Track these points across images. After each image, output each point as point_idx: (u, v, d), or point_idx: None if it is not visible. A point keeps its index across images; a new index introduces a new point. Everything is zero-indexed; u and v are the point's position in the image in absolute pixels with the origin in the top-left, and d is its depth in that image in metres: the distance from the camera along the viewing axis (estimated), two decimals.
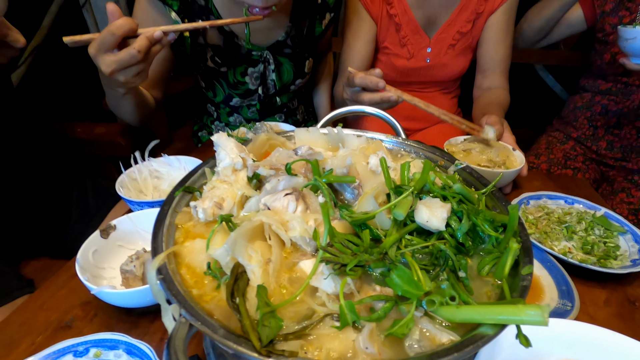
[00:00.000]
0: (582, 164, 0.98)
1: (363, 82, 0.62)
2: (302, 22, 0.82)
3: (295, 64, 0.85)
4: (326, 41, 0.97)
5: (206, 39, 0.76)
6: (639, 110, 0.90)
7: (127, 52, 0.50)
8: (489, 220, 0.25)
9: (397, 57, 0.95)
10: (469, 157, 0.61)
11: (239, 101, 0.86)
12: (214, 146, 0.32)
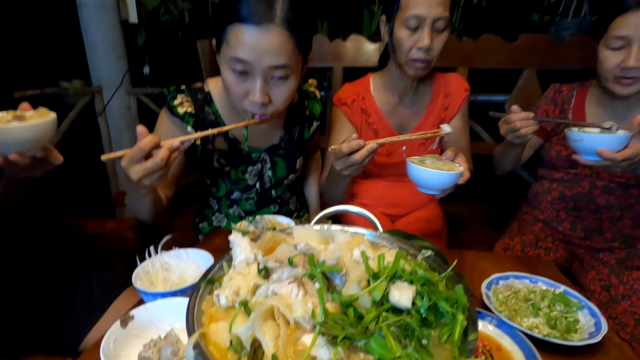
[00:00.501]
0: (552, 244, 1.08)
1: (350, 148, 0.73)
2: (294, 129, 0.99)
3: (288, 163, 0.98)
4: (314, 143, 1.13)
5: (214, 145, 0.91)
6: (590, 195, 1.04)
7: (153, 161, 0.61)
8: (445, 298, 0.33)
9: (378, 155, 1.11)
10: (423, 163, 0.76)
11: (239, 195, 0.98)
12: (230, 244, 0.41)
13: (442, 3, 0.88)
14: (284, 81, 0.73)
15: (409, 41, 0.92)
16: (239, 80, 0.72)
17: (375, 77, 1.11)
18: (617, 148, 0.76)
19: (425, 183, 0.76)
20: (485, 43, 1.48)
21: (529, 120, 0.85)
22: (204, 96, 0.88)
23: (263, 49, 0.67)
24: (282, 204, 1.08)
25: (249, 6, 0.66)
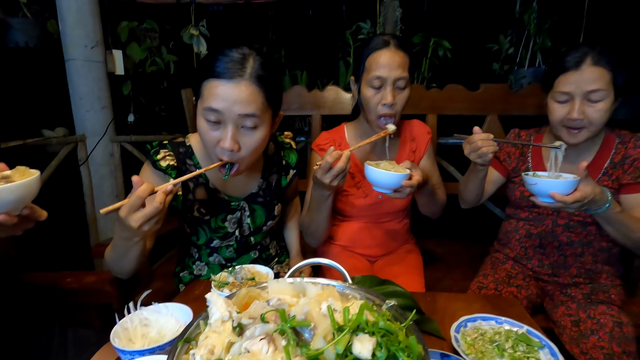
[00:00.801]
0: (523, 281, 1.13)
1: (333, 157, 0.87)
2: (271, 177, 1.05)
3: (266, 210, 1.03)
4: (292, 189, 1.18)
5: (195, 195, 0.95)
6: (553, 232, 1.11)
7: (153, 206, 0.66)
8: (402, 348, 0.36)
9: (355, 197, 1.17)
10: (378, 166, 0.93)
11: (218, 242, 1.00)
12: (207, 302, 0.44)
13: (400, 65, 1.00)
14: (254, 131, 0.79)
15: (374, 98, 1.02)
16: (212, 129, 0.78)
17: (349, 126, 1.19)
18: (567, 191, 0.83)
19: (377, 182, 0.92)
20: (450, 92, 1.61)
21: (489, 140, 0.93)
22: (185, 150, 0.94)
23: (233, 99, 0.75)
24: (262, 249, 1.11)
25: (223, 64, 0.75)
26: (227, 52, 0.77)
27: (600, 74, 0.90)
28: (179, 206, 0.94)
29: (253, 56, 0.78)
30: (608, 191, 0.87)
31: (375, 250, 1.22)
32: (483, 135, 0.94)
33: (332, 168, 0.86)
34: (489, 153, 0.93)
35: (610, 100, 0.92)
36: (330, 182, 0.88)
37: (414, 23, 2.15)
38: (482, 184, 1.09)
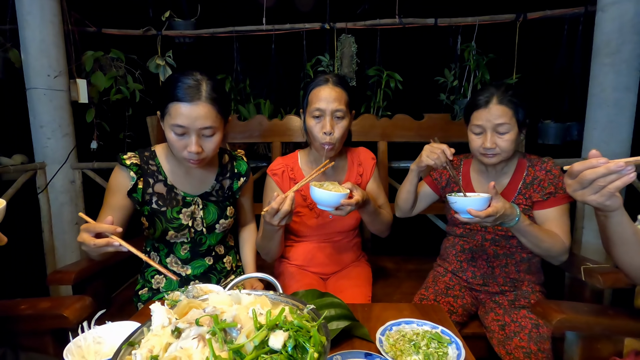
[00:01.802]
0: (459, 292, 1.25)
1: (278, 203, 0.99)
2: (224, 181, 1.19)
3: (219, 208, 1.15)
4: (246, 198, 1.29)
5: (154, 189, 1.08)
6: (482, 247, 1.25)
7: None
8: (308, 339, 0.45)
9: (307, 218, 1.26)
10: (322, 186, 1.04)
11: (173, 234, 1.10)
12: (151, 312, 0.51)
13: (337, 100, 1.14)
14: (212, 137, 1.01)
15: (316, 127, 1.15)
16: (180, 139, 0.98)
17: (302, 153, 1.31)
18: (481, 208, 0.97)
19: (319, 200, 1.02)
20: (398, 121, 1.78)
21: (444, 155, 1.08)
22: (150, 153, 1.12)
23: (194, 116, 0.95)
24: (216, 258, 1.19)
25: (182, 90, 0.95)
26: (183, 79, 0.96)
27: (504, 111, 1.07)
28: (139, 198, 1.07)
29: (205, 81, 0.98)
30: (517, 207, 1.02)
31: (328, 268, 1.31)
32: (444, 146, 1.10)
33: (279, 211, 0.97)
34: (444, 162, 1.09)
35: (515, 131, 1.09)
36: (279, 223, 1.00)
37: (369, 57, 2.35)
38: (414, 191, 1.25)
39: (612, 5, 1.70)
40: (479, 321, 1.23)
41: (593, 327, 0.87)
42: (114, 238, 0.82)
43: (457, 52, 2.32)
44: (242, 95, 2.36)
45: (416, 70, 2.40)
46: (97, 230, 0.83)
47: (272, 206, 0.96)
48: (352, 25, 2.26)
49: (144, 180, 1.09)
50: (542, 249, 1.08)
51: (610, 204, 0.67)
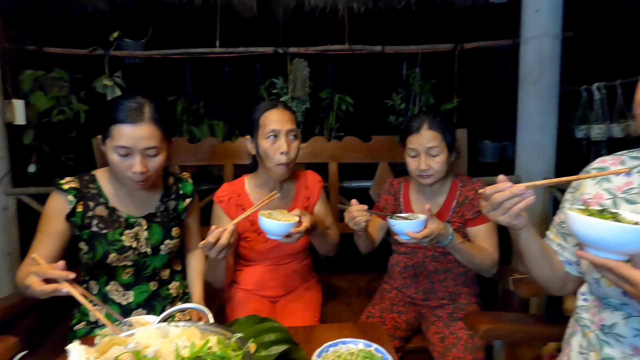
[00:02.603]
0: (403, 307, 1.31)
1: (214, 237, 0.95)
2: (169, 203, 1.18)
3: (164, 229, 1.14)
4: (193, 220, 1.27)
5: (95, 213, 1.05)
6: (423, 263, 1.32)
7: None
8: None
9: (256, 242, 1.27)
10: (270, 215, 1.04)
11: (115, 257, 1.06)
12: (67, 353, 0.50)
13: (289, 120, 1.18)
14: (156, 157, 1.02)
15: (272, 148, 1.17)
16: (123, 160, 0.98)
17: (249, 177, 1.32)
18: (418, 229, 1.04)
19: (269, 230, 1.02)
20: (348, 143, 1.86)
21: (363, 211, 1.11)
22: (89, 177, 1.10)
23: (138, 137, 0.96)
24: (160, 282, 1.16)
25: (125, 113, 0.96)
26: (125, 102, 0.98)
27: (434, 136, 1.17)
28: (78, 221, 1.04)
29: (148, 103, 1.00)
30: (450, 226, 1.10)
31: (277, 291, 1.31)
32: (359, 207, 1.13)
33: (216, 244, 0.94)
34: (362, 222, 1.11)
35: (445, 154, 1.19)
36: (217, 256, 0.97)
37: (322, 80, 2.44)
38: (367, 240, 1.29)
39: (532, 39, 1.92)
40: (423, 335, 1.29)
41: (515, 335, 0.95)
42: (63, 284, 0.78)
43: (403, 77, 2.48)
44: (196, 116, 2.35)
45: (367, 93, 2.52)
46: (47, 276, 0.78)
47: (208, 240, 0.93)
48: (304, 50, 2.34)
49: (84, 204, 1.06)
50: (474, 264, 1.16)
51: (517, 223, 0.76)
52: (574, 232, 0.62)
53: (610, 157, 0.84)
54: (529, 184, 0.72)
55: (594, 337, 0.76)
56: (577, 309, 0.83)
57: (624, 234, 0.56)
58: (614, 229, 0.56)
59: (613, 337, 0.72)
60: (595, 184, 0.82)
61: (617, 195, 0.77)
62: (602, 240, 0.57)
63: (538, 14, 1.87)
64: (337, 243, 1.33)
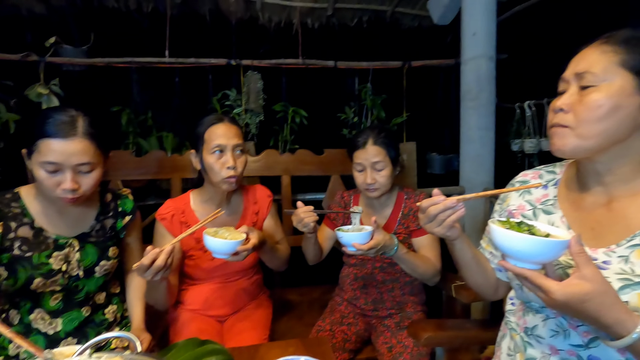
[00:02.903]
0: (354, 319, 1.32)
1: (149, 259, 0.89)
2: (106, 221, 1.10)
3: (99, 249, 1.06)
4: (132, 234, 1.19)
5: (17, 234, 0.96)
6: (372, 274, 1.35)
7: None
8: None
9: (202, 260, 1.23)
10: (217, 233, 1.01)
11: (41, 282, 0.96)
12: None
13: (236, 135, 1.17)
14: (90, 173, 0.96)
15: (217, 163, 1.15)
16: (52, 176, 0.90)
17: (195, 193, 1.28)
18: (364, 241, 1.06)
19: (215, 249, 0.99)
20: (300, 156, 1.87)
21: (310, 212, 1.12)
22: (12, 195, 1.00)
23: (69, 152, 0.90)
24: (95, 307, 1.08)
25: (54, 126, 0.89)
26: (55, 115, 0.91)
27: (378, 151, 1.21)
28: None
29: (81, 116, 0.94)
30: (395, 237, 1.14)
31: (225, 310, 1.27)
32: (305, 208, 1.13)
33: (151, 266, 0.88)
34: (310, 223, 1.11)
35: (390, 168, 1.24)
36: (152, 279, 0.91)
37: (276, 93, 2.45)
38: (316, 246, 1.28)
39: (471, 60, 2.06)
40: (373, 346, 1.31)
41: (454, 341, 0.99)
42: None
43: (355, 91, 2.56)
44: (144, 127, 2.25)
45: (320, 107, 2.57)
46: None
47: (143, 262, 0.87)
48: (257, 62, 2.34)
49: (4, 225, 0.96)
50: (418, 273, 1.21)
51: (450, 234, 0.80)
52: (494, 243, 0.66)
53: (531, 171, 0.92)
54: (459, 197, 0.77)
55: (519, 339, 0.81)
56: (506, 312, 0.89)
57: (536, 246, 0.61)
58: (528, 241, 0.61)
59: (534, 338, 0.77)
60: (518, 196, 0.89)
61: (537, 206, 0.85)
62: (519, 252, 0.62)
63: (475, 37, 2.02)
64: (287, 258, 1.33)
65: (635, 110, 0.65)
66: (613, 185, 0.72)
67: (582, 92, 0.68)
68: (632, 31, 0.66)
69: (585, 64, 0.68)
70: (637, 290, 0.63)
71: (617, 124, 0.65)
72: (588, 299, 0.56)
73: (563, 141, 0.71)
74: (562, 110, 0.70)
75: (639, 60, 0.64)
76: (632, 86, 0.64)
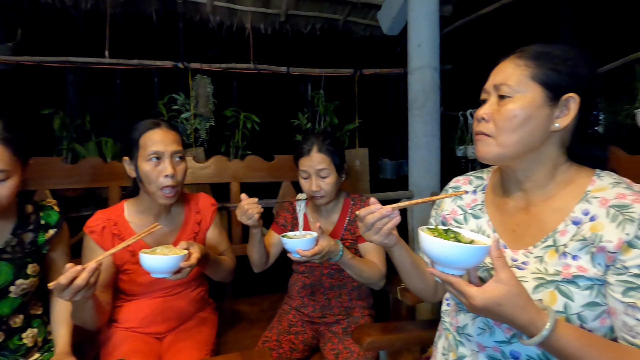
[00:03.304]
0: (301, 327, 1.31)
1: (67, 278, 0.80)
2: (25, 235, 1.00)
3: (15, 266, 0.96)
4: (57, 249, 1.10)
5: None
6: (320, 281, 1.35)
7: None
8: None
9: (138, 275, 1.15)
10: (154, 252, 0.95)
11: None
12: None
13: (174, 142, 1.11)
14: (4, 182, 0.90)
15: (154, 172, 1.08)
16: None
17: (130, 203, 1.21)
18: (308, 247, 1.06)
19: (153, 269, 0.93)
20: (251, 162, 1.84)
21: (254, 203, 1.09)
22: None
23: None
24: (10, 332, 0.98)
25: None
26: None
27: (322, 158, 1.22)
28: None
29: None
30: (340, 243, 1.14)
31: (165, 326, 1.20)
32: (249, 200, 1.11)
33: (70, 286, 0.80)
34: (254, 214, 1.09)
35: (334, 175, 1.24)
36: (71, 299, 0.82)
37: (226, 98, 2.39)
38: (261, 245, 1.25)
39: (417, 70, 2.15)
40: (321, 353, 1.30)
41: (395, 344, 1.01)
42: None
43: (308, 98, 2.57)
44: (81, 133, 2.09)
45: (273, 113, 2.55)
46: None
47: (60, 281, 0.79)
48: (207, 66, 2.28)
49: None
50: (363, 278, 1.22)
51: (388, 242, 0.81)
52: (423, 250, 0.68)
53: (462, 177, 0.96)
54: (394, 206, 0.79)
55: (452, 338, 0.84)
56: (442, 313, 0.92)
57: (460, 252, 0.63)
58: (452, 248, 0.63)
59: (465, 337, 0.81)
60: (451, 202, 0.93)
61: (467, 211, 0.89)
62: (445, 258, 0.64)
63: (420, 48, 2.11)
64: (232, 269, 1.28)
65: (545, 120, 0.70)
66: (531, 191, 0.77)
67: (500, 102, 0.73)
68: (541, 46, 0.71)
69: (502, 76, 0.73)
70: (549, 289, 0.67)
71: (530, 133, 0.70)
72: (503, 302, 0.59)
73: (486, 149, 0.75)
74: (484, 119, 0.75)
75: (547, 74, 0.69)
76: (541, 98, 0.69)
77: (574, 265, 0.67)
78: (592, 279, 0.65)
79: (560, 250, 0.69)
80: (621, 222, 0.63)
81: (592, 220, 0.67)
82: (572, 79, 0.68)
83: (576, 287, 0.66)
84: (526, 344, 0.62)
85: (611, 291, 0.64)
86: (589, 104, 0.70)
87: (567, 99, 0.69)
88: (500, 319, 0.62)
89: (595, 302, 0.65)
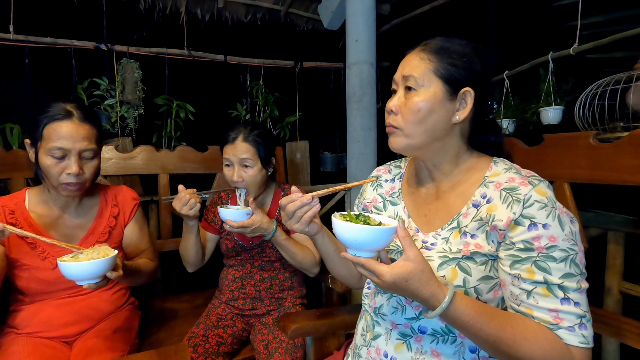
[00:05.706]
0: (231, 320, 1.28)
1: None
2: None
3: None
4: None
5: None
6: (251, 273, 1.33)
7: None
8: None
9: (40, 271, 1.03)
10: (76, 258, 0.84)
11: None
12: None
13: (86, 138, 0.99)
14: None
15: (56, 168, 0.97)
16: None
17: (33, 192, 1.08)
18: (239, 219, 1.07)
19: (78, 277, 0.82)
20: (182, 153, 1.74)
21: (194, 194, 1.06)
22: None
23: None
24: None
25: None
26: None
27: (247, 148, 1.19)
28: None
29: None
30: (275, 222, 1.14)
31: (75, 329, 1.08)
32: (188, 190, 1.08)
33: None
34: (197, 203, 1.09)
35: (258, 167, 1.22)
36: None
37: (158, 85, 2.25)
38: (198, 240, 1.21)
39: (354, 64, 2.19)
40: (252, 345, 1.28)
41: (319, 329, 1.02)
42: None
43: (247, 88, 2.51)
44: None
45: (210, 102, 2.45)
46: None
47: None
48: (135, 50, 2.12)
49: None
50: (296, 261, 1.22)
51: (309, 230, 0.82)
52: (336, 236, 0.69)
53: (383, 167, 1.00)
54: (313, 194, 0.79)
55: (369, 319, 0.87)
56: (363, 296, 0.95)
57: (368, 234, 0.65)
58: (360, 231, 0.65)
59: (380, 316, 0.84)
60: (372, 190, 0.96)
61: (386, 198, 0.92)
62: (355, 241, 0.66)
63: (357, 43, 2.16)
64: (152, 271, 1.17)
65: (446, 114, 0.75)
66: (439, 179, 0.82)
67: (407, 95, 0.76)
68: (443, 40, 0.76)
69: (409, 68, 0.76)
70: (451, 266, 0.72)
71: (433, 125, 0.75)
72: (410, 277, 0.63)
73: (395, 140, 0.79)
74: (393, 112, 0.78)
75: (446, 69, 0.73)
76: (442, 92, 0.74)
77: (472, 243, 0.72)
78: (487, 255, 0.71)
79: (462, 230, 0.75)
80: (510, 202, 0.69)
81: (489, 203, 0.73)
82: (468, 74, 0.73)
83: (473, 262, 0.72)
84: (429, 317, 0.66)
85: (501, 265, 0.70)
86: (484, 96, 0.76)
87: (465, 93, 0.74)
88: (407, 294, 0.66)
89: (489, 276, 0.71)
